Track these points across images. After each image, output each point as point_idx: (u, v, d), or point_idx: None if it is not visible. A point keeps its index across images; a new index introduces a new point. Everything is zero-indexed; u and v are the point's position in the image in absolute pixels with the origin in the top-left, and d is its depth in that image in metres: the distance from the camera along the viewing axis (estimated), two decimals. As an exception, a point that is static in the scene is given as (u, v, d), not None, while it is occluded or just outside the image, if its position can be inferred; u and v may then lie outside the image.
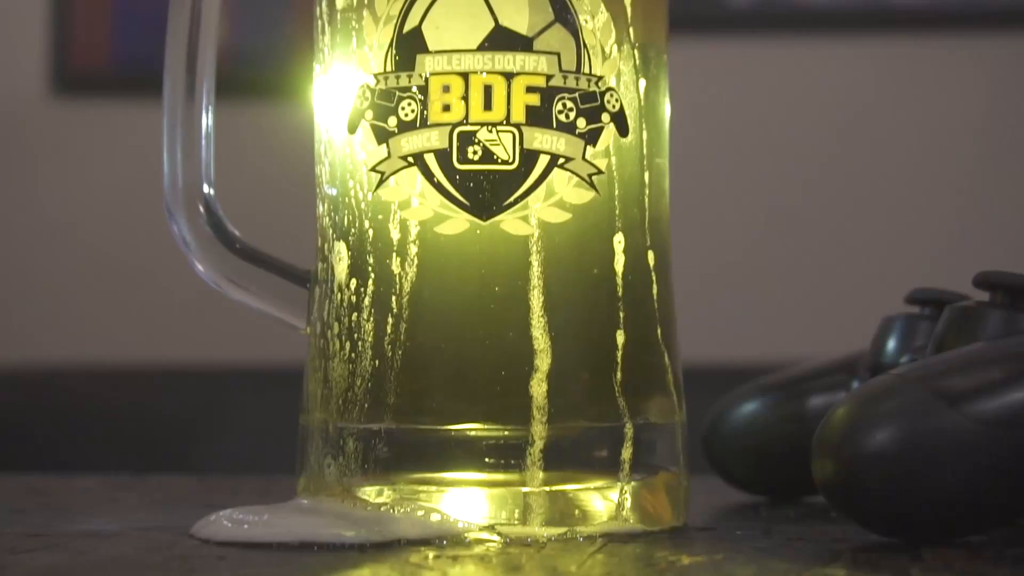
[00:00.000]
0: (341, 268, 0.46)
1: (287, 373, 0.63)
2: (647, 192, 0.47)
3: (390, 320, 0.45)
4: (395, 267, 0.45)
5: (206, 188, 0.49)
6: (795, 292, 1.61)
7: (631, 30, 0.46)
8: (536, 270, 0.44)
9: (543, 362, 0.44)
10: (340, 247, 0.46)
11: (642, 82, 0.47)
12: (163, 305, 1.54)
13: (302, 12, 1.59)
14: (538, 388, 0.44)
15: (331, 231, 0.47)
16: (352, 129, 0.46)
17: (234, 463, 1.29)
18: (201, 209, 0.49)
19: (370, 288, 0.45)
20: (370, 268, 0.45)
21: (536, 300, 0.44)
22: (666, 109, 0.49)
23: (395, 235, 0.45)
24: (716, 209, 1.60)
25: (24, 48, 1.64)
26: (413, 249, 0.45)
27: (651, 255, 0.47)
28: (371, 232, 0.45)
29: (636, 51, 0.47)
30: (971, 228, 1.61)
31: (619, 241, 0.46)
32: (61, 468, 1.31)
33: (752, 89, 1.65)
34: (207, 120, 0.51)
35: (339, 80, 0.47)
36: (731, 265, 1.61)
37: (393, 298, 0.45)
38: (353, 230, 0.46)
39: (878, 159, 1.63)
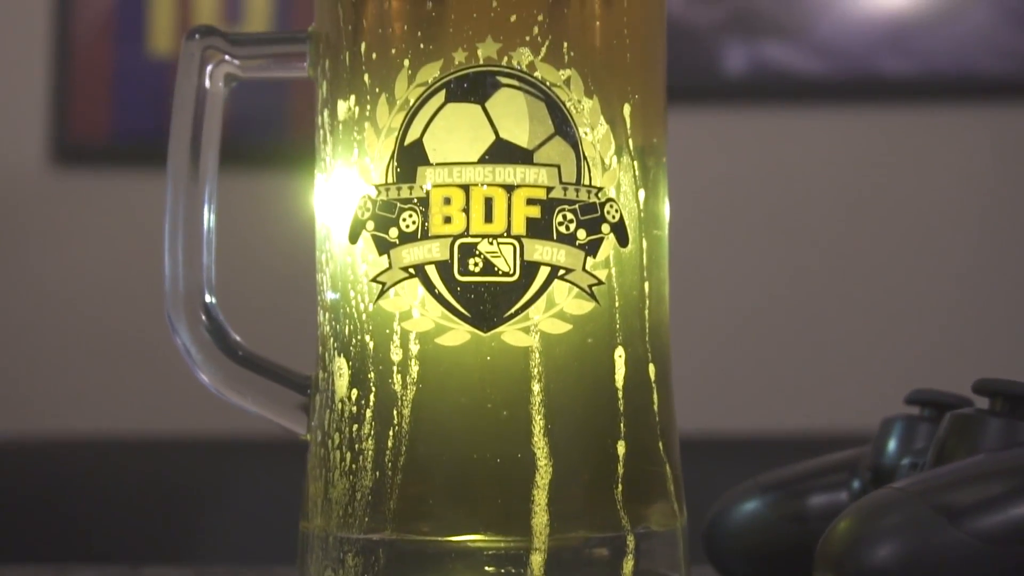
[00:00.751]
0: (342, 382, 0.46)
1: (288, 446, 0.63)
2: (647, 302, 0.47)
3: (391, 433, 0.45)
4: (396, 378, 0.45)
5: (208, 297, 0.49)
6: (788, 363, 1.61)
7: (630, 141, 0.47)
8: (537, 382, 0.44)
9: (544, 474, 0.44)
10: (341, 362, 0.46)
11: (641, 192, 0.47)
12: (161, 377, 1.54)
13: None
14: (539, 499, 0.44)
15: (331, 340, 0.47)
16: (353, 239, 0.46)
17: (236, 540, 1.28)
18: (203, 317, 0.49)
19: (371, 400, 0.45)
20: (371, 379, 0.45)
21: (537, 412, 0.44)
22: (666, 217, 0.49)
23: (396, 346, 0.45)
24: (711, 278, 1.60)
25: (24, 119, 1.65)
26: (414, 360, 0.45)
27: (652, 368, 0.47)
28: (372, 343, 0.46)
29: (635, 161, 0.47)
30: (969, 295, 1.61)
31: (620, 355, 0.46)
32: (54, 550, 1.30)
33: (746, 158, 1.65)
34: (209, 217, 0.51)
35: (341, 189, 0.47)
36: (722, 334, 1.61)
37: (394, 410, 0.45)
38: (354, 340, 0.46)
39: (874, 230, 1.63)
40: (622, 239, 0.46)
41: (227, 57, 0.51)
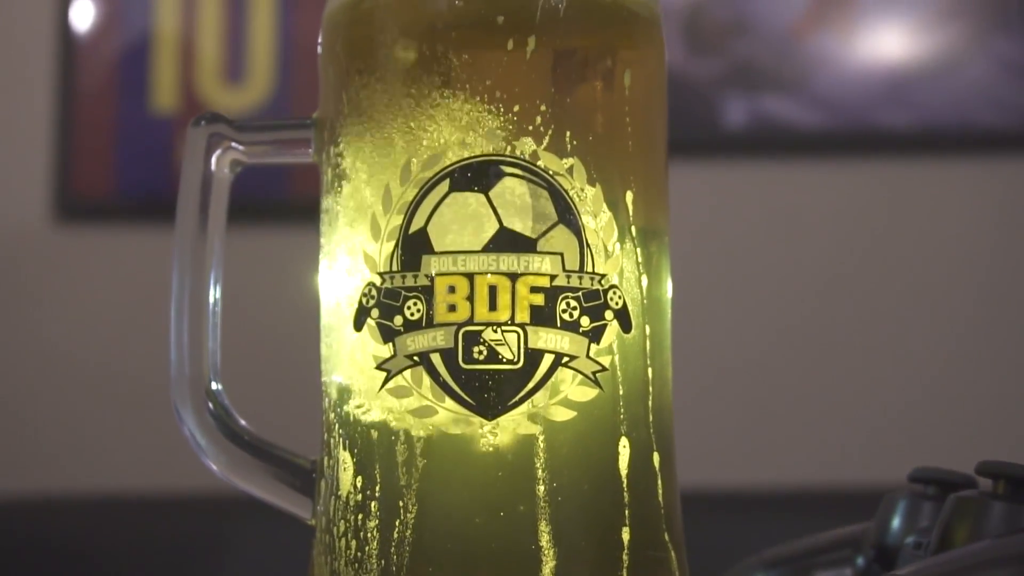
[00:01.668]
0: (346, 470, 0.46)
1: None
2: (651, 387, 0.47)
3: (396, 523, 0.45)
4: (401, 467, 0.45)
5: (213, 384, 0.49)
6: (786, 416, 1.61)
7: (633, 227, 0.47)
8: (542, 470, 0.45)
9: (548, 562, 0.44)
10: (345, 450, 0.47)
11: (644, 278, 0.47)
12: (165, 432, 1.53)
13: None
14: (544, 587, 0.44)
15: (336, 426, 0.47)
16: (358, 327, 0.46)
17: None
18: (209, 404, 0.49)
19: (376, 489, 0.45)
20: (375, 468, 0.46)
21: (542, 501, 0.44)
22: (668, 301, 0.49)
23: (400, 434, 0.45)
24: (712, 330, 1.60)
25: (27, 175, 1.66)
26: (419, 449, 0.45)
27: (656, 456, 0.47)
28: (376, 430, 0.46)
29: (638, 247, 0.47)
30: (969, 348, 1.61)
31: (624, 444, 0.46)
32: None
33: (746, 211, 1.66)
34: (215, 301, 0.51)
35: (345, 277, 0.47)
36: (720, 387, 1.61)
37: (399, 500, 0.45)
38: (359, 428, 0.46)
39: (875, 283, 1.63)
40: (625, 325, 0.46)
41: (233, 144, 0.51)
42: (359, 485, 0.46)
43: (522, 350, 0.45)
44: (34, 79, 1.68)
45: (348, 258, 0.47)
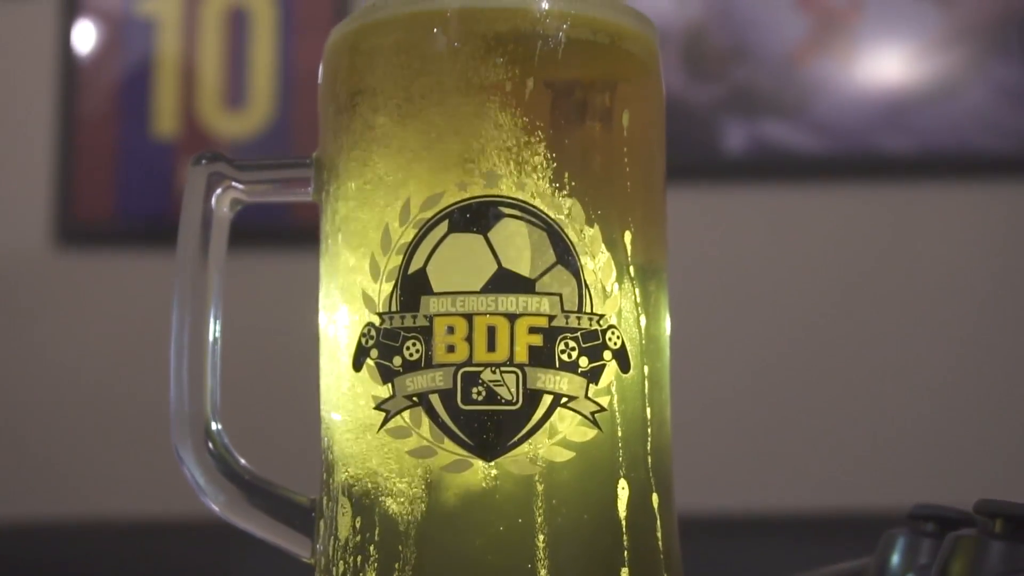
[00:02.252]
0: (345, 511, 0.46)
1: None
2: (649, 427, 0.47)
3: (396, 565, 0.45)
4: (399, 507, 0.45)
5: (213, 424, 0.49)
6: (786, 441, 1.60)
7: (631, 267, 0.47)
8: (540, 510, 0.45)
9: (548, 604, 0.44)
10: (343, 491, 0.47)
11: (642, 318, 0.47)
12: (166, 456, 1.53)
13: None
14: (543, 628, 0.44)
15: (335, 466, 0.47)
16: (357, 367, 0.47)
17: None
18: (209, 444, 0.49)
19: (375, 531, 0.45)
20: (374, 508, 0.45)
21: (541, 542, 0.44)
22: (667, 339, 0.49)
23: (399, 474, 0.45)
24: (710, 355, 1.60)
25: (28, 199, 1.66)
26: (417, 489, 0.45)
27: (655, 497, 0.47)
28: (375, 471, 0.46)
29: (636, 287, 0.47)
30: (969, 371, 1.61)
31: (623, 487, 0.46)
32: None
33: (746, 235, 1.66)
34: (215, 339, 0.51)
35: (344, 316, 0.48)
36: (718, 411, 1.60)
37: (398, 542, 0.45)
38: (357, 468, 0.46)
39: (874, 307, 1.63)
40: (624, 365, 0.46)
41: (233, 183, 0.51)
42: (358, 526, 0.46)
43: (521, 391, 0.45)
44: (35, 104, 1.69)
45: (347, 298, 0.48)
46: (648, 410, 0.47)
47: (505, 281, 0.45)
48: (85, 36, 1.67)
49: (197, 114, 1.65)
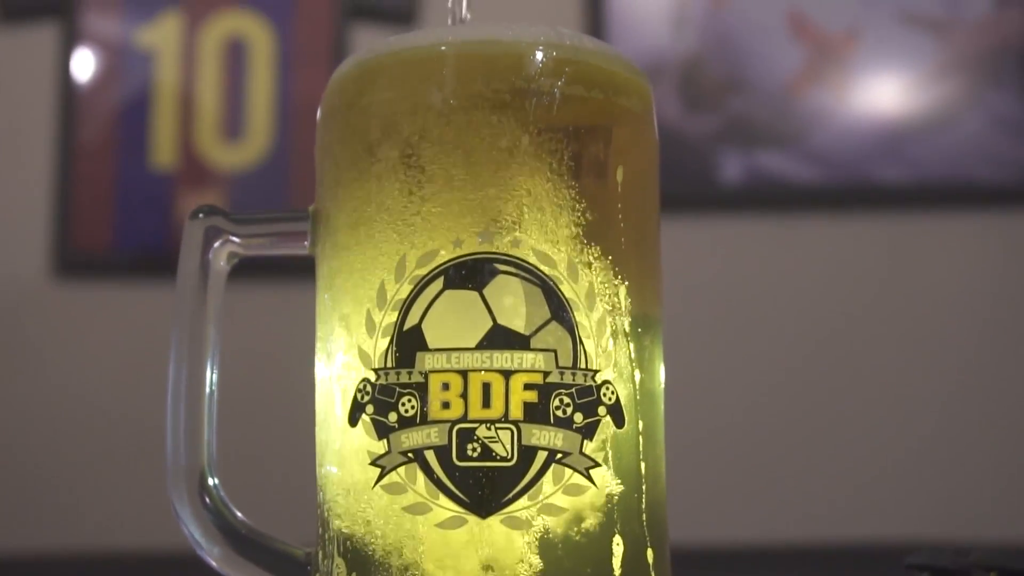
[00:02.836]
0: (340, 566, 0.47)
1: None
2: (644, 482, 0.47)
3: (392, 621, 0.45)
4: (394, 563, 0.45)
5: (210, 479, 0.50)
6: (780, 472, 1.60)
7: (626, 321, 0.47)
8: (536, 567, 0.45)
9: (543, 661, 0.44)
10: (339, 547, 0.47)
11: (637, 372, 0.48)
12: (162, 490, 1.53)
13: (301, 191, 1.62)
14: None
15: (331, 521, 0.48)
16: (353, 422, 0.47)
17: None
18: (206, 499, 0.49)
19: (370, 585, 0.46)
20: (369, 564, 0.46)
21: (536, 598, 0.45)
22: (661, 394, 0.50)
23: (394, 530, 0.45)
24: (706, 384, 1.60)
25: (26, 230, 1.66)
26: (412, 545, 0.45)
27: (650, 552, 0.47)
28: (370, 526, 0.46)
29: (631, 342, 0.48)
30: (964, 400, 1.61)
31: (618, 543, 0.46)
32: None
33: (742, 265, 1.66)
34: (211, 390, 0.51)
35: (340, 372, 0.48)
36: (712, 441, 1.60)
37: (393, 598, 0.45)
38: (352, 522, 0.46)
39: (870, 336, 1.63)
40: (618, 421, 0.47)
41: (230, 237, 0.51)
42: (354, 581, 0.46)
43: (516, 447, 0.45)
44: (34, 134, 1.69)
45: (343, 353, 0.48)
46: (643, 465, 0.47)
47: (500, 337, 0.45)
48: (84, 66, 1.68)
49: (195, 145, 1.65)
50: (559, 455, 0.45)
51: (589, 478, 0.46)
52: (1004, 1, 1.71)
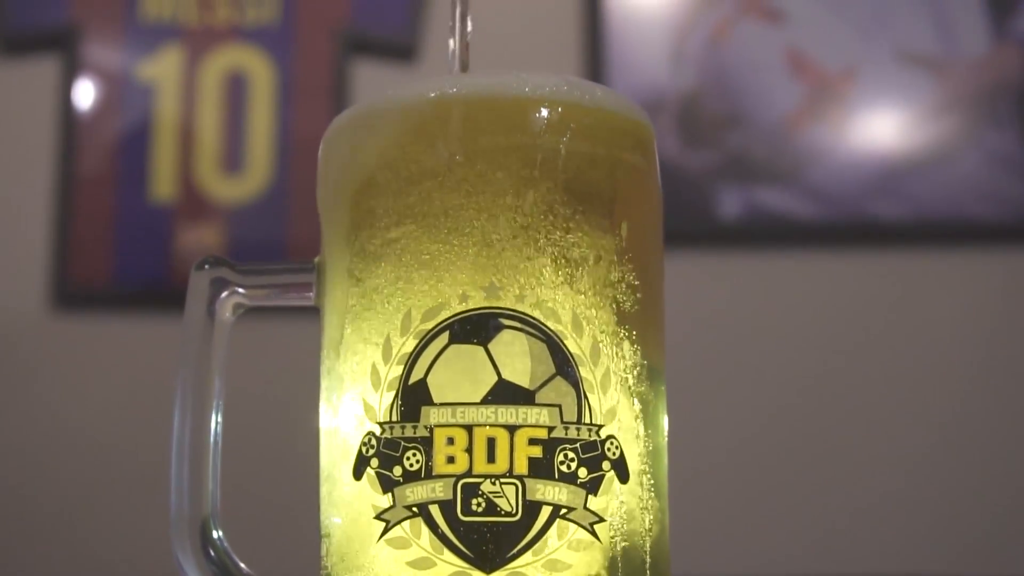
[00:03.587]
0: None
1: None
2: (648, 535, 0.47)
3: None
4: (399, 618, 0.45)
5: (214, 532, 0.50)
6: (776, 506, 1.60)
7: (629, 377, 0.47)
8: (539, 623, 0.45)
9: None
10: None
11: (641, 426, 0.48)
12: (163, 521, 1.53)
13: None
14: None
15: (336, 573, 0.48)
16: (358, 476, 0.47)
17: None
18: (210, 551, 0.49)
19: (374, 643, 0.46)
20: (375, 620, 0.46)
21: (540, 655, 0.45)
22: (665, 447, 0.50)
23: (400, 585, 0.45)
24: (705, 420, 1.60)
25: (25, 263, 1.66)
26: (417, 600, 0.45)
27: (655, 609, 0.47)
28: (375, 581, 0.46)
29: (635, 396, 0.48)
30: (961, 437, 1.61)
31: (623, 600, 0.46)
32: None
33: (740, 301, 1.66)
34: (216, 441, 0.51)
35: (345, 424, 0.48)
36: (711, 476, 1.60)
37: (398, 655, 0.45)
38: (358, 578, 0.46)
39: (867, 373, 1.63)
40: (623, 475, 0.47)
41: (236, 288, 0.52)
42: (358, 638, 0.46)
43: (520, 502, 0.45)
44: (34, 167, 1.69)
45: (348, 406, 0.48)
46: (647, 518, 0.48)
47: (505, 392, 0.45)
48: (85, 99, 1.68)
49: (195, 178, 1.65)
50: (564, 510, 0.45)
51: (593, 533, 0.46)
52: (1002, 39, 1.72)
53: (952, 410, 1.62)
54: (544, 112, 0.48)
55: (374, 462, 0.46)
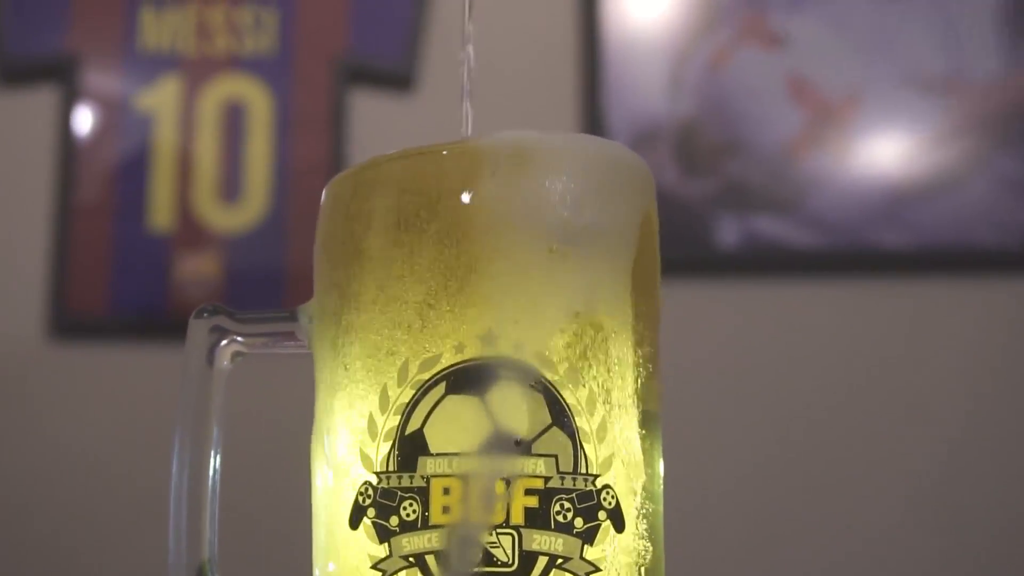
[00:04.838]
0: None
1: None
2: (644, 586, 0.48)
3: None
4: (395, 672, 0.45)
5: (212, 580, 0.50)
6: (779, 531, 1.60)
7: (627, 427, 0.48)
8: (535, 675, 0.45)
9: None
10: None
11: (637, 476, 0.48)
12: (162, 551, 1.52)
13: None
14: None
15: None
16: (354, 525, 0.47)
17: None
18: (210, 605, 0.50)
19: None
20: (370, 673, 0.46)
21: None
22: (661, 494, 0.50)
23: (395, 636, 0.45)
24: (704, 450, 1.60)
25: (23, 292, 1.67)
26: (413, 654, 0.45)
27: (651, 662, 0.47)
28: (372, 633, 0.46)
29: (632, 446, 0.48)
30: (965, 468, 1.61)
31: (620, 650, 0.46)
32: None
33: (739, 331, 1.66)
34: (214, 489, 0.51)
35: (341, 474, 0.48)
36: (711, 506, 1.60)
37: None
38: (355, 629, 0.46)
39: (870, 404, 1.63)
40: (619, 525, 0.47)
41: (235, 337, 0.52)
42: None
43: (516, 552, 0.45)
44: (32, 196, 1.70)
45: (345, 455, 0.48)
46: (643, 569, 0.48)
47: (501, 443, 0.46)
48: (83, 129, 1.69)
49: (193, 207, 1.66)
50: (560, 560, 0.45)
51: (589, 583, 0.46)
52: (1012, 62, 1.72)
53: (959, 442, 1.61)
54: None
55: (371, 512, 0.46)
